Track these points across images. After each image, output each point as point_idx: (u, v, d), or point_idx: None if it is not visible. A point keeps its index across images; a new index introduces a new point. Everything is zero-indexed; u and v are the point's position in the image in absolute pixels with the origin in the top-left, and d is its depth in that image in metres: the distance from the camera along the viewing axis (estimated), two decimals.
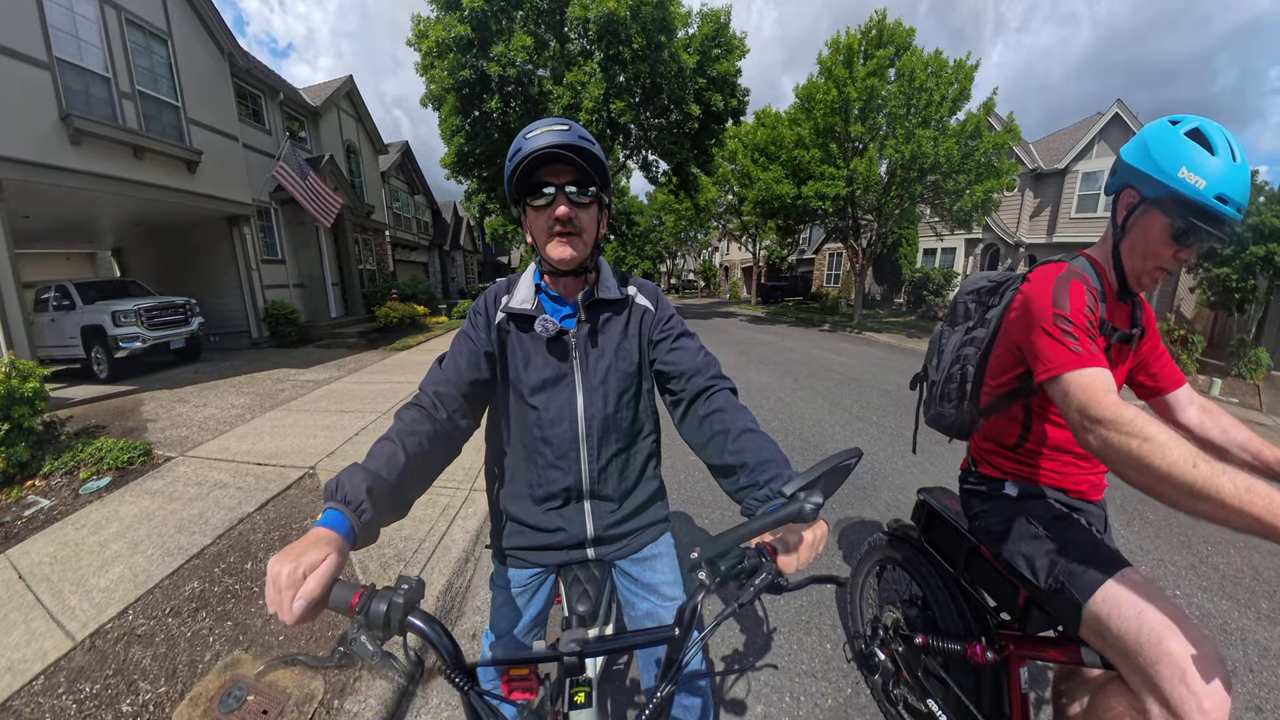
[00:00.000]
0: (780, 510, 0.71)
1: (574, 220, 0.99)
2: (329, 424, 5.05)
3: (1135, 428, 0.85)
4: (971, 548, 1.38)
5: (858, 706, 1.84)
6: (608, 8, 12.80)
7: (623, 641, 0.80)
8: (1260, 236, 10.60)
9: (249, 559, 2.70)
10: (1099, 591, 1.01)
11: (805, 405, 6.12)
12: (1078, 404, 0.94)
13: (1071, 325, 1.01)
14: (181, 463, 4.10)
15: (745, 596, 0.71)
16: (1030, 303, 1.11)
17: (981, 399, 1.33)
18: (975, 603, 1.37)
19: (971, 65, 12.91)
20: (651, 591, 1.18)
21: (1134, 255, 1.10)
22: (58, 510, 3.41)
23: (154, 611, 2.29)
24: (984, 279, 1.40)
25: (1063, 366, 0.98)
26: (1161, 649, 0.89)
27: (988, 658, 1.26)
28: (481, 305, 1.14)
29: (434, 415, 1.00)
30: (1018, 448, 1.28)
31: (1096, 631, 1.01)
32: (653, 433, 1.22)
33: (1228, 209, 0.93)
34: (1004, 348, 1.24)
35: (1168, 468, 0.79)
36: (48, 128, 6.52)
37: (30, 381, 4.31)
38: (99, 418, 5.38)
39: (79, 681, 1.92)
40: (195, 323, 8.76)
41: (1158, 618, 0.93)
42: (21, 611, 2.33)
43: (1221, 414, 1.22)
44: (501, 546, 1.20)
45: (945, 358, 1.45)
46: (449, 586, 2.50)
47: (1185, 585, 2.63)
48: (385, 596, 0.66)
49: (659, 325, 1.15)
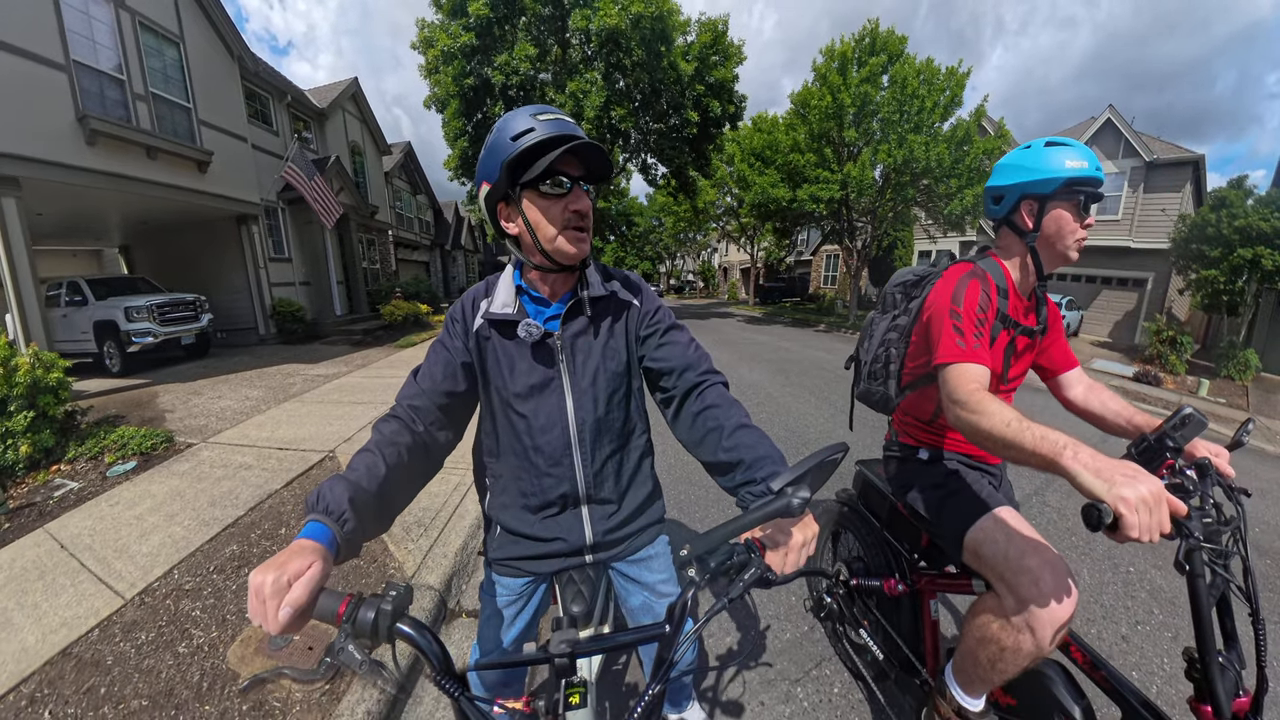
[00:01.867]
0: (768, 506, 0.73)
1: (590, 213, 0.98)
2: (343, 414, 5.24)
3: (977, 405, 1.05)
4: (891, 505, 1.62)
5: (812, 640, 2.19)
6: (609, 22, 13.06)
7: (613, 641, 0.79)
8: (1247, 240, 10.76)
9: (282, 526, 2.90)
10: (976, 523, 1.25)
11: (794, 400, 6.33)
12: (948, 389, 1.14)
13: (962, 320, 1.20)
14: (205, 448, 4.29)
15: (734, 591, 0.72)
16: (936, 297, 1.31)
17: (903, 378, 1.51)
18: (894, 549, 1.63)
19: (963, 73, 13.22)
20: (647, 589, 1.18)
21: (1052, 243, 1.29)
22: (87, 491, 3.59)
23: (198, 570, 2.48)
24: (910, 273, 1.58)
25: (947, 357, 1.18)
26: (1022, 563, 1.12)
27: (899, 590, 1.53)
28: (459, 311, 1.08)
29: (412, 428, 0.97)
30: (932, 421, 1.49)
31: (974, 554, 1.24)
32: (645, 431, 1.20)
33: (1100, 174, 1.23)
34: (920, 335, 1.42)
35: (990, 429, 0.99)
36: (65, 128, 6.70)
37: (54, 372, 4.49)
38: (117, 408, 5.56)
39: (134, 631, 2.11)
40: (205, 319, 8.94)
41: (1022, 541, 1.16)
42: (69, 576, 2.51)
43: (1103, 390, 1.43)
44: (494, 556, 1.17)
45: (874, 341, 1.61)
46: (465, 545, 2.74)
47: (1139, 563, 2.85)
48: (373, 604, 0.65)
49: (645, 320, 1.11)
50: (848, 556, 1.93)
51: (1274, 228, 10.40)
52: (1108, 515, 0.75)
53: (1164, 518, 0.74)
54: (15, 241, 6.18)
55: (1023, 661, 1.11)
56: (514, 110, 0.95)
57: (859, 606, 1.80)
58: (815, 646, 2.13)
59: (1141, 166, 15.30)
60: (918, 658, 1.52)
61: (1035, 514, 3.40)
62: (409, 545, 2.73)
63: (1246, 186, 11.92)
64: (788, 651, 2.10)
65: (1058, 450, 0.85)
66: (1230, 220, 11.11)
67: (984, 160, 13.20)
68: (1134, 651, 2.17)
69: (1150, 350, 11.24)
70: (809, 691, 1.91)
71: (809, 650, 2.11)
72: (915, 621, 1.55)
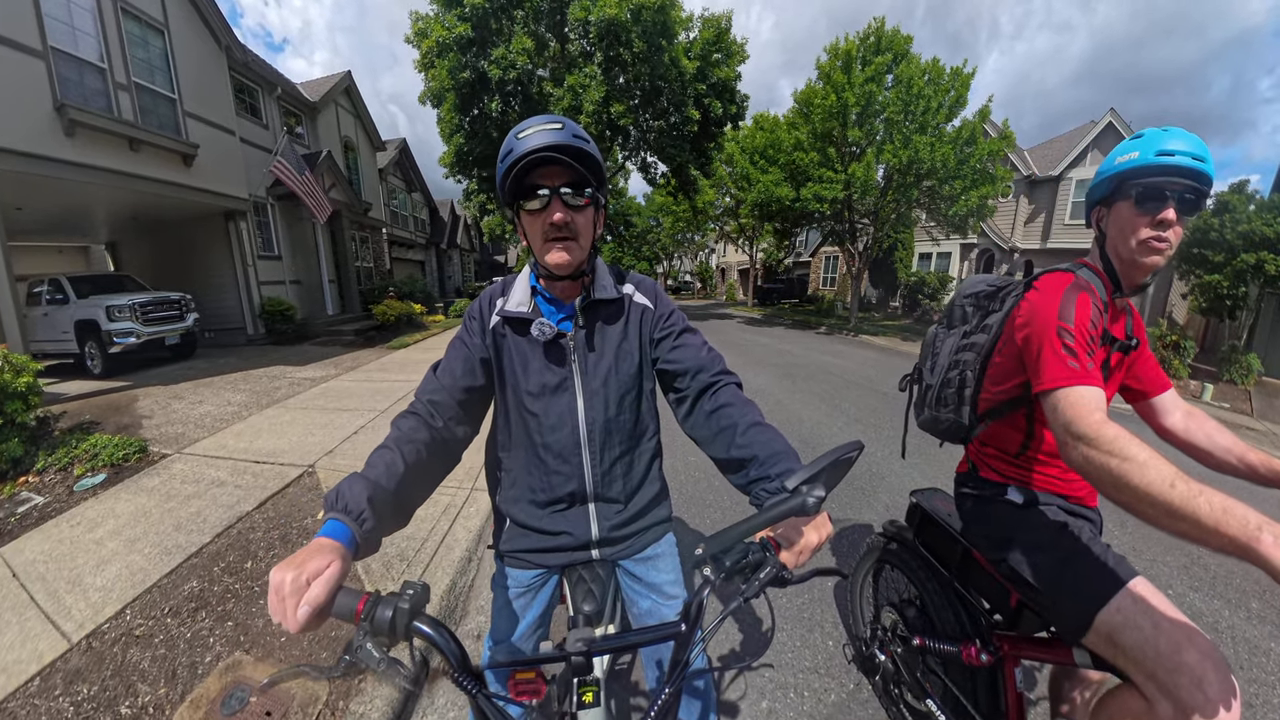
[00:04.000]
0: (783, 504, 0.71)
1: (570, 225, 0.96)
2: (327, 422, 5.01)
3: (1116, 447, 0.85)
4: (964, 550, 1.38)
5: (860, 702, 1.86)
6: (609, 12, 12.80)
7: (629, 639, 0.79)
8: (1251, 244, 10.74)
9: (249, 558, 2.66)
10: (1112, 601, 1.03)
11: (804, 408, 6.14)
12: (1064, 420, 0.95)
13: (1073, 339, 1.02)
14: (178, 460, 4.05)
15: (750, 591, 0.71)
16: (1035, 312, 1.11)
17: (980, 404, 1.31)
18: (969, 605, 1.38)
19: (968, 73, 13.03)
20: (654, 590, 1.17)
21: (1118, 247, 1.13)
22: (52, 507, 3.36)
23: (152, 611, 2.25)
24: (982, 283, 1.39)
25: (1057, 381, 0.99)
26: (1179, 659, 0.91)
27: (982, 659, 1.27)
28: (476, 309, 1.11)
29: (430, 424, 0.98)
30: (1020, 454, 1.28)
31: (1107, 639, 1.02)
32: (655, 433, 1.20)
33: (1174, 160, 1.01)
34: (1006, 355, 1.23)
35: (1146, 487, 0.80)
36: (42, 118, 6.42)
37: (24, 376, 4.25)
38: (93, 414, 5.31)
39: (75, 683, 1.89)
40: (190, 319, 8.66)
41: (1172, 628, 0.95)
42: (16, 611, 2.29)
43: (1206, 419, 1.24)
44: (504, 548, 1.18)
45: (940, 361, 1.42)
46: (453, 585, 2.48)
47: (1178, 585, 2.68)
48: (390, 602, 0.65)
49: (660, 323, 1.12)
50: (897, 600, 1.67)
51: (1277, 233, 10.34)
52: None
53: None
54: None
55: None
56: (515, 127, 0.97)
57: (921, 669, 1.51)
58: (864, 709, 1.82)
59: None
60: None
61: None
62: (388, 585, 2.49)
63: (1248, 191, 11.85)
64: (834, 719, 1.80)
65: (1251, 534, 0.66)
66: (1233, 225, 11.07)
67: (988, 162, 13.03)
68: None
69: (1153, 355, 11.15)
70: None
71: (859, 716, 1.80)
72: (995, 695, 1.29)
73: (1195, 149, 1.00)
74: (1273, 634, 2.29)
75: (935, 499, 1.58)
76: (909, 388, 1.58)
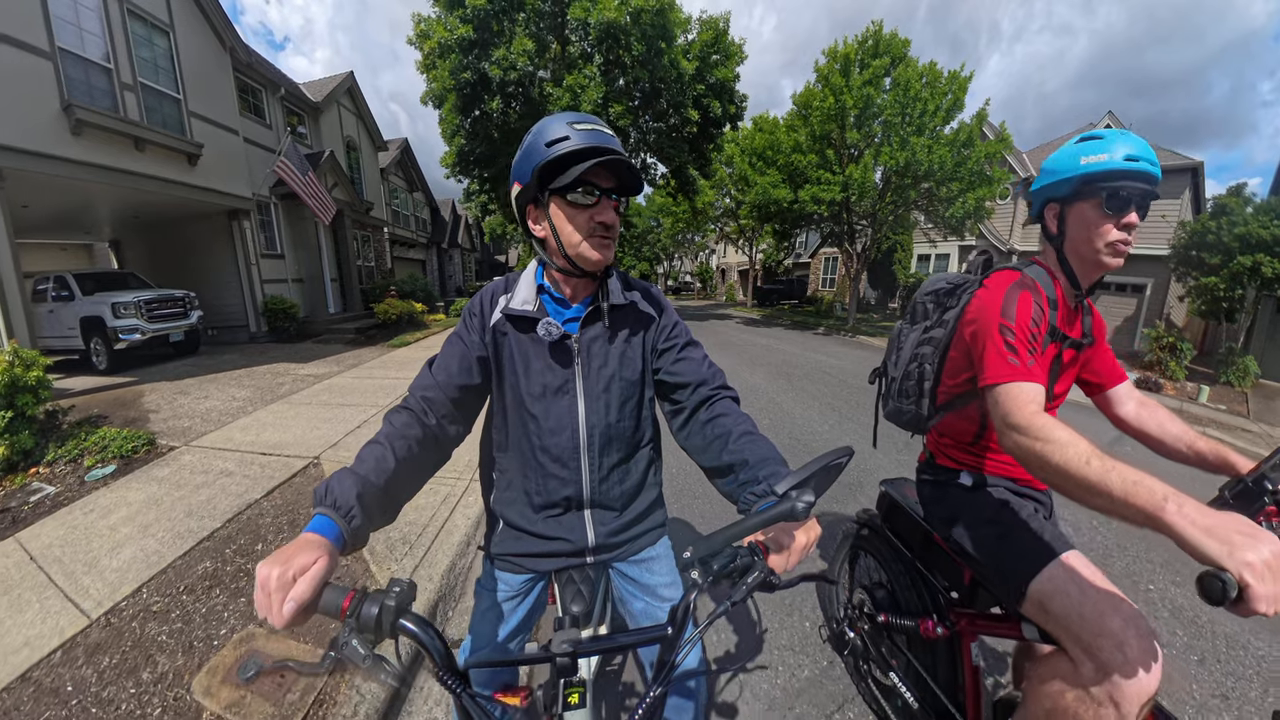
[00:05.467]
0: (772, 509, 0.71)
1: (614, 225, 0.99)
2: (331, 416, 5.10)
3: (1042, 432, 0.92)
4: (925, 534, 1.47)
5: (832, 678, 1.99)
6: (608, 15, 12.90)
7: (616, 641, 0.78)
8: (1247, 247, 10.75)
9: (259, 541, 2.75)
10: (1043, 571, 1.10)
11: (796, 406, 6.22)
12: (1002, 412, 1.02)
13: (1014, 336, 1.08)
14: (186, 452, 4.14)
15: (738, 595, 0.71)
16: (982, 309, 1.17)
17: (938, 397, 1.38)
18: (930, 584, 1.46)
19: (965, 77, 13.14)
20: (648, 592, 1.17)
21: (1079, 248, 1.16)
22: (63, 496, 3.45)
23: (168, 590, 2.35)
24: (942, 280, 1.45)
25: (998, 377, 1.06)
26: (1103, 624, 0.98)
27: (938, 632, 1.37)
28: (477, 305, 1.09)
29: (423, 420, 0.97)
30: (974, 443, 1.35)
31: (1040, 608, 1.09)
32: (653, 440, 1.20)
33: (1139, 165, 1.04)
34: (959, 350, 1.28)
35: (1064, 465, 0.86)
36: (49, 117, 6.52)
37: (34, 370, 4.34)
38: (100, 408, 5.40)
39: (97, 655, 1.98)
40: (194, 316, 8.76)
41: (1098, 595, 1.01)
42: (35, 591, 2.38)
43: (1158, 408, 1.30)
44: (495, 551, 1.16)
45: (903, 355, 1.48)
46: (452, 566, 2.59)
47: (1159, 580, 2.75)
48: (377, 599, 0.65)
49: (664, 334, 1.12)
50: (869, 583, 1.76)
51: (1274, 235, 10.38)
52: (1233, 587, 0.63)
53: None
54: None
55: None
56: (553, 115, 0.96)
57: (887, 645, 1.62)
58: (836, 685, 1.95)
59: None
60: (957, 708, 1.35)
61: None
62: (391, 565, 2.59)
63: (1246, 194, 11.91)
64: (806, 692, 1.92)
65: (1157, 503, 0.71)
66: (1230, 227, 11.10)
67: (985, 164, 13.14)
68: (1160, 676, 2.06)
69: (1150, 356, 11.21)
70: None
71: (829, 690, 1.93)
72: (953, 667, 1.37)
73: (1153, 155, 1.05)
74: (1254, 629, 2.34)
75: (904, 487, 1.67)
76: (877, 381, 1.66)
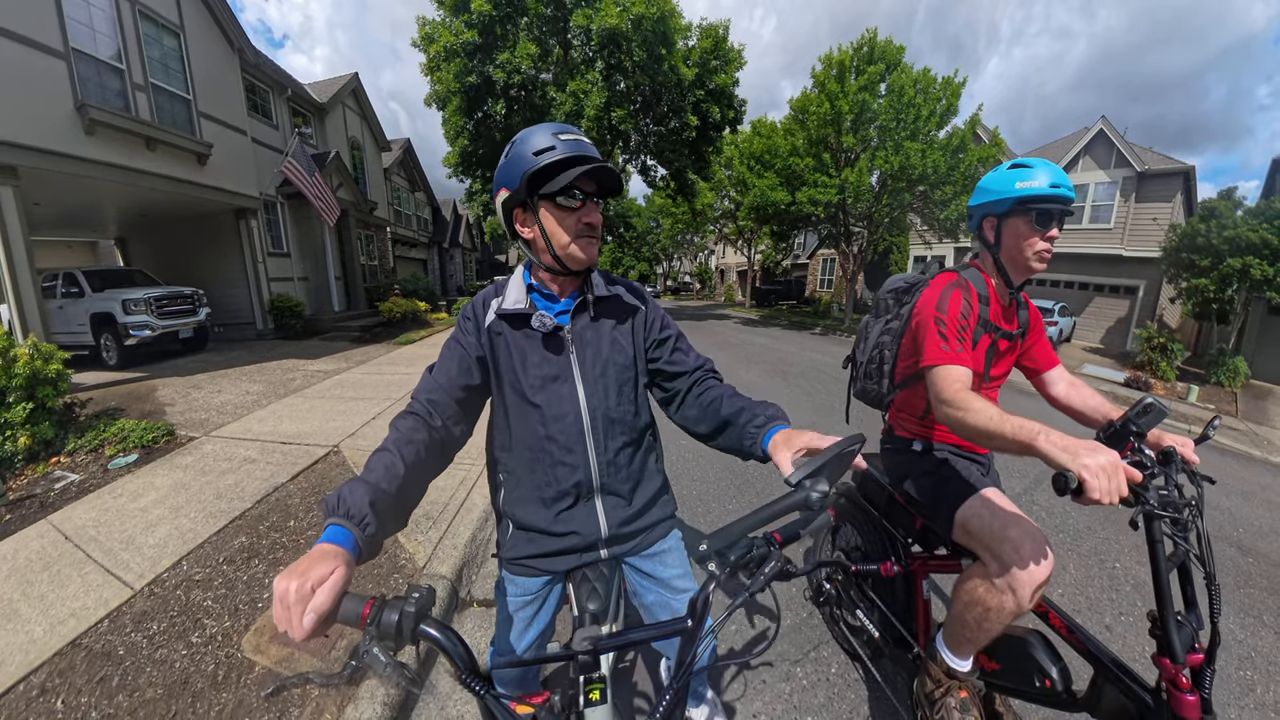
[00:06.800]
0: (787, 499, 0.73)
1: (598, 226, 1.08)
2: (346, 409, 5.22)
3: (964, 403, 1.17)
4: (889, 495, 1.73)
5: (811, 626, 2.28)
6: (609, 22, 13.08)
7: (636, 636, 0.78)
8: (1237, 250, 10.90)
9: (290, 518, 2.89)
10: (965, 504, 1.37)
11: (791, 401, 6.38)
12: (936, 389, 1.27)
13: (946, 327, 1.32)
14: (206, 442, 4.26)
15: (755, 585, 0.72)
16: (924, 304, 1.42)
17: (896, 377, 1.65)
18: (891, 535, 1.74)
19: (959, 83, 13.38)
20: (661, 584, 1.20)
21: (1012, 255, 1.40)
22: (89, 483, 3.56)
23: (208, 562, 2.48)
24: (901, 280, 1.71)
25: (932, 360, 1.30)
26: (1005, 534, 1.24)
27: (895, 570, 1.63)
28: (470, 311, 1.15)
29: (430, 423, 1.00)
30: (924, 416, 1.59)
31: (964, 530, 1.36)
32: (651, 426, 1.27)
33: (1062, 190, 1.30)
34: (910, 338, 1.55)
35: (976, 424, 1.11)
36: (63, 117, 6.64)
37: (53, 363, 4.45)
38: (116, 401, 5.51)
39: (145, 621, 2.11)
40: (203, 313, 8.87)
41: (1004, 515, 1.28)
42: (75, 567, 2.49)
43: (1084, 387, 1.53)
44: (508, 555, 1.19)
45: (869, 343, 1.75)
46: (473, 538, 2.78)
47: (1125, 559, 2.91)
48: (396, 606, 0.65)
49: (654, 326, 1.21)
50: (846, 547, 2.03)
51: (1262, 238, 10.56)
52: (1073, 481, 0.85)
53: (1121, 483, 0.84)
54: (12, 231, 6.12)
55: (1005, 619, 1.24)
56: (536, 126, 1.04)
57: (856, 590, 1.91)
58: (814, 631, 2.24)
59: (1133, 176, 15.52)
60: (910, 634, 1.63)
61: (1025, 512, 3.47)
62: (419, 538, 2.74)
63: (1236, 198, 12.12)
64: (788, 636, 2.21)
65: (1032, 435, 0.96)
66: (1220, 230, 11.28)
67: (978, 168, 13.35)
68: (1116, 640, 2.26)
69: (1141, 357, 11.41)
70: (808, 671, 2.00)
71: (808, 635, 2.22)
72: (909, 600, 1.66)
73: (1069, 181, 1.31)
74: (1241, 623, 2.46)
75: (873, 460, 1.89)
76: (849, 366, 1.91)
